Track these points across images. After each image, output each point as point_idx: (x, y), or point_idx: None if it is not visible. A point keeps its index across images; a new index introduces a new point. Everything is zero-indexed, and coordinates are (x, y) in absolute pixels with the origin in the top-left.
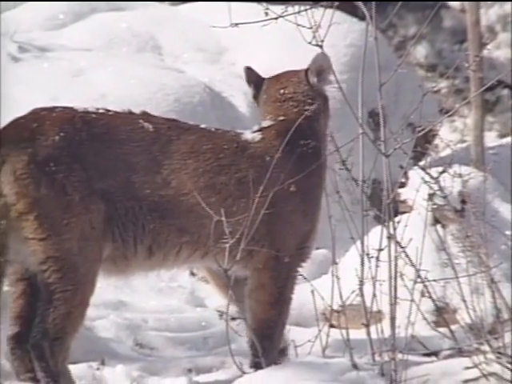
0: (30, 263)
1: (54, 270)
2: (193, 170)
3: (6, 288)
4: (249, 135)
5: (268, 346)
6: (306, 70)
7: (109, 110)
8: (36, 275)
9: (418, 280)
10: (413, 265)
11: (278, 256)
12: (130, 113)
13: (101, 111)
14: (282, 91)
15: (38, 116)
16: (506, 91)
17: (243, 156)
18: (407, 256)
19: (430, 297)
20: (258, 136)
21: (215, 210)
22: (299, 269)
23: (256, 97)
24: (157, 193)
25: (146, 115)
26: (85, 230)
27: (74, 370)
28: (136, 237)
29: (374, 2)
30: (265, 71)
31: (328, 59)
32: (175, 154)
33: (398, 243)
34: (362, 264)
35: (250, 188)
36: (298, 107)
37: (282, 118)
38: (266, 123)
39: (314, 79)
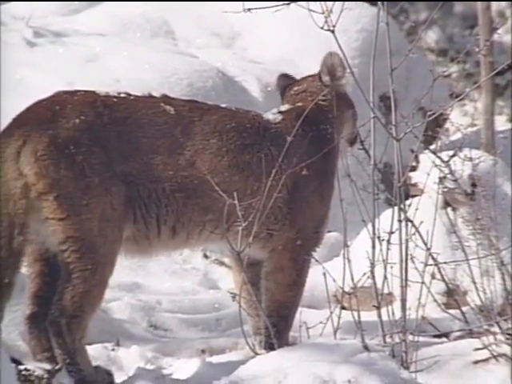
0: (50, 243)
1: (73, 250)
2: (216, 150)
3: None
4: (270, 116)
5: (283, 328)
6: (320, 71)
7: (130, 94)
8: (54, 255)
9: (429, 262)
10: (424, 247)
11: (297, 237)
12: (151, 96)
13: (122, 95)
14: (296, 88)
15: (60, 99)
16: None
17: (265, 135)
18: (421, 237)
19: (441, 279)
20: (278, 117)
21: (238, 189)
22: (314, 252)
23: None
24: (180, 174)
25: (166, 98)
26: (105, 211)
27: (90, 350)
28: (159, 217)
29: None
30: (277, 56)
31: (338, 57)
32: (198, 134)
33: (410, 222)
34: (373, 247)
35: (271, 167)
36: (311, 97)
37: (299, 104)
38: (284, 107)
39: (326, 78)
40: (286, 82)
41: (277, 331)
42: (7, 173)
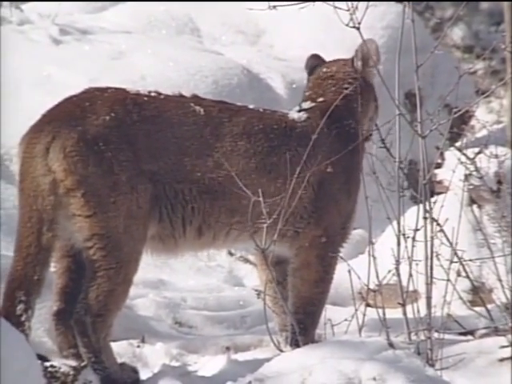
0: (76, 240)
1: (98, 248)
2: (244, 152)
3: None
4: (295, 115)
5: (309, 324)
6: (354, 57)
7: (160, 93)
8: (81, 252)
9: (454, 260)
10: (449, 244)
11: (324, 235)
12: (181, 96)
13: (152, 94)
14: (325, 69)
15: (91, 95)
16: None
17: (292, 135)
18: (445, 235)
19: (467, 276)
20: (303, 116)
21: (265, 190)
22: (341, 249)
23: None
24: (208, 175)
25: (196, 98)
26: (131, 208)
27: (115, 347)
28: (185, 218)
29: None
30: (301, 53)
31: (375, 45)
32: (227, 136)
33: (435, 221)
34: (399, 244)
35: (298, 167)
36: (335, 86)
37: (320, 98)
38: (306, 104)
39: (358, 63)
40: (316, 62)
41: (303, 328)
42: (36, 169)
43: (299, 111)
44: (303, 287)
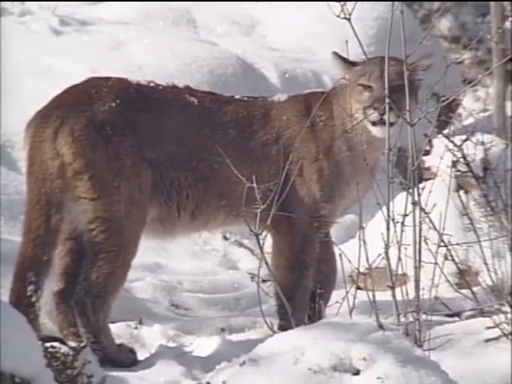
0: (79, 222)
1: (100, 230)
2: (232, 139)
3: None
4: (276, 97)
5: (291, 308)
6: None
7: (158, 85)
8: (83, 235)
9: (442, 244)
10: (436, 229)
11: (290, 220)
12: (175, 87)
13: (152, 85)
14: None
15: (96, 83)
16: None
17: (269, 118)
18: (431, 221)
19: (453, 260)
20: (284, 97)
21: (246, 176)
22: (318, 235)
23: None
24: (203, 164)
25: (189, 89)
26: (133, 193)
27: (114, 328)
28: (179, 203)
29: None
30: (294, 43)
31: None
32: (218, 125)
33: (422, 209)
34: (388, 229)
35: (270, 150)
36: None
37: (321, 89)
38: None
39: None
40: None
41: (283, 313)
42: (45, 152)
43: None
44: (278, 273)
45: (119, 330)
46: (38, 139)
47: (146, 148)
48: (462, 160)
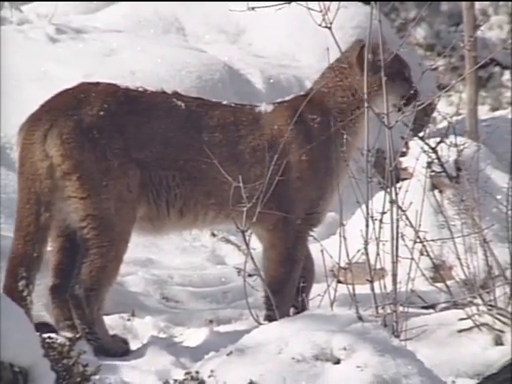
0: (71, 220)
1: (92, 227)
2: (219, 142)
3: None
4: (262, 107)
5: (279, 301)
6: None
7: (146, 89)
8: (75, 232)
9: (418, 240)
10: (412, 226)
11: (285, 218)
12: (163, 92)
13: (140, 89)
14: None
15: (85, 88)
16: (497, 69)
17: (257, 126)
18: (407, 218)
19: (428, 255)
20: (270, 107)
21: (234, 177)
22: (309, 232)
23: None
24: (190, 164)
25: (177, 94)
26: (122, 192)
27: (107, 320)
28: (168, 201)
29: None
30: (278, 51)
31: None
32: (204, 128)
33: (398, 206)
34: (367, 226)
35: (261, 155)
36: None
37: (302, 93)
38: (280, 100)
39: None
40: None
41: (270, 305)
42: (35, 154)
43: (273, 104)
44: (270, 267)
45: (113, 322)
46: (28, 141)
47: (134, 149)
48: (436, 161)
